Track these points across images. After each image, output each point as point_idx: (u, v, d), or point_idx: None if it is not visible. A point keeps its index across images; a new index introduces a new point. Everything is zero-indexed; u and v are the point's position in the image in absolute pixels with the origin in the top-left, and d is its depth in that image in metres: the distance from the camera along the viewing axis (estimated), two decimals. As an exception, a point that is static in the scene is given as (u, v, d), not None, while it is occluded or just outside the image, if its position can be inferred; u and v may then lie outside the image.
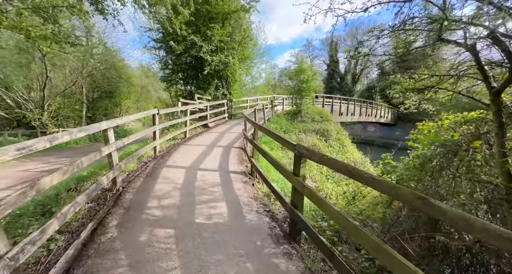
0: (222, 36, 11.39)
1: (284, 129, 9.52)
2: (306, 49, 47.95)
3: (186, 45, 10.99)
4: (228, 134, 8.32)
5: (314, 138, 8.52)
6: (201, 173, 4.40)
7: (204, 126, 9.64)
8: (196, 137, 7.77)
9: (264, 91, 20.91)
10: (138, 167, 4.63)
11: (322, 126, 9.74)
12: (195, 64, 13.64)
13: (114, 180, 3.40)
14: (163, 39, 11.52)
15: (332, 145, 8.71)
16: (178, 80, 14.23)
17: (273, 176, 4.85)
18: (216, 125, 10.34)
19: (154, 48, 12.86)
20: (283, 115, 11.71)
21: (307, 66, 12.05)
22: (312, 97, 12.19)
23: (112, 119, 3.45)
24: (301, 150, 2.42)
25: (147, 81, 32.06)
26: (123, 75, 21.23)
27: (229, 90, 13.71)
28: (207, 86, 13.62)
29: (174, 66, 13.21)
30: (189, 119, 7.71)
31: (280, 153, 6.91)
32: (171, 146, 6.52)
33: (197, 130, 9.00)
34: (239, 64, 12.19)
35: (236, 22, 12.68)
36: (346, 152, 8.69)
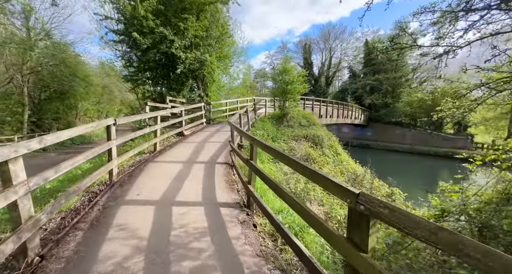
0: (198, 31, 9.98)
1: (272, 137, 8.51)
2: (281, 51, 48.14)
3: (154, 39, 9.35)
4: (208, 144, 7.00)
5: (306, 145, 7.67)
6: (179, 210, 3.10)
7: (179, 135, 8.16)
8: (169, 150, 6.32)
9: (242, 93, 19.78)
10: (77, 206, 3.13)
11: (312, 132, 8.98)
12: (166, 62, 11.94)
13: (23, 247, 1.96)
14: (125, 30, 9.68)
15: (325, 153, 7.96)
16: (145, 80, 12.35)
17: (274, 202, 3.75)
18: (193, 132, 8.90)
19: (114, 41, 10.86)
20: (267, 120, 10.71)
21: (291, 66, 11.24)
22: (297, 100, 11.41)
23: (25, 142, 2.03)
24: (372, 206, 1.33)
25: (110, 81, 28.59)
26: (78, 73, 18.27)
27: (206, 92, 12.28)
28: (180, 87, 12.02)
29: (140, 64, 11.37)
30: (160, 128, 6.23)
31: (273, 166, 5.85)
32: (136, 165, 5.03)
33: (171, 140, 7.51)
34: (217, 63, 10.89)
35: (213, 16, 11.35)
36: (341, 161, 8.00)
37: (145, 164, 5.05)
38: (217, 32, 11.09)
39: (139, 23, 8.76)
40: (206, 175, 4.51)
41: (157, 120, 6.07)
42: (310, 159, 6.87)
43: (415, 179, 15.61)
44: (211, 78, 11.71)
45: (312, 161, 6.80)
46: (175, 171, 4.63)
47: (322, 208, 4.30)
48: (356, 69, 37.18)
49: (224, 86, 14.89)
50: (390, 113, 31.19)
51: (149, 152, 6.13)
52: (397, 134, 30.57)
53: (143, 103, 13.33)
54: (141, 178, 4.24)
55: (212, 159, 5.57)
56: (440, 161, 23.14)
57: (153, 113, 5.95)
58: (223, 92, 15.14)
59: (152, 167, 4.89)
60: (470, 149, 24.72)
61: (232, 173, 4.84)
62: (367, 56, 34.53)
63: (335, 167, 6.87)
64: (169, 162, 5.25)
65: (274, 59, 49.63)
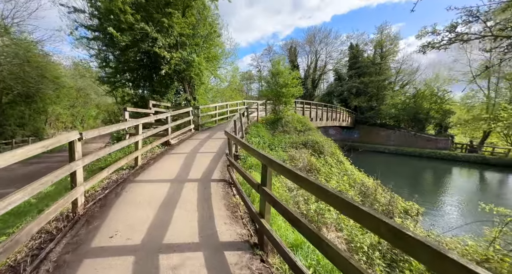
0: (184, 29, 9.06)
1: (269, 144, 7.79)
2: (267, 53, 47.93)
3: (134, 36, 8.30)
4: (200, 156, 6.12)
5: (307, 154, 7.02)
6: (169, 260, 2.25)
7: (165, 145, 7.19)
8: (153, 164, 5.37)
9: (231, 96, 18.94)
10: (14, 265, 2.14)
11: (310, 138, 8.38)
12: (148, 63, 10.87)
13: None
14: (100, 26, 8.50)
15: (328, 161, 7.35)
16: (124, 82, 11.17)
17: (285, 230, 3.01)
18: (180, 141, 7.95)
19: (87, 39, 9.58)
20: (261, 125, 9.98)
21: (285, 68, 10.64)
22: (292, 103, 10.82)
23: None
24: None
25: (86, 83, 26.36)
26: (47, 74, 16.41)
27: (193, 95, 11.33)
28: (164, 90, 10.98)
29: (118, 64, 10.20)
30: (143, 138, 5.27)
31: (277, 182, 5.11)
32: (112, 186, 4.06)
33: (155, 152, 6.53)
34: (206, 64, 10.02)
35: (200, 14, 10.49)
36: (346, 170, 7.42)
37: (123, 185, 4.09)
38: (205, 30, 10.23)
39: (116, 18, 7.69)
40: (201, 199, 3.67)
41: (138, 129, 5.12)
42: (313, 170, 6.23)
43: (403, 179, 15.67)
44: (199, 81, 10.79)
45: (316, 172, 6.17)
46: (162, 193, 3.74)
47: (340, 234, 3.62)
48: (342, 72, 37.73)
49: (212, 89, 13.98)
50: (375, 116, 31.84)
51: (129, 168, 5.15)
52: (383, 135, 31.22)
53: (122, 108, 12.08)
54: (117, 207, 3.30)
55: (206, 175, 4.72)
56: (425, 161, 23.75)
57: (133, 121, 4.99)
58: (211, 95, 14.22)
59: (132, 189, 3.95)
60: (450, 149, 25.75)
61: (231, 193, 4.03)
62: (352, 59, 35.18)
63: (341, 178, 6.28)
64: (154, 181, 4.33)
65: (260, 61, 49.37)
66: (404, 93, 32.06)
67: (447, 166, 21.67)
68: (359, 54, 34.65)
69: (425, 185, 16.31)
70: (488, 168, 20.05)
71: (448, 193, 13.38)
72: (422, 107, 28.27)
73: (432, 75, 32.13)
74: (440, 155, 24.05)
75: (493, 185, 16.78)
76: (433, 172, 20.44)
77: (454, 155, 23.30)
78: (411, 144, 27.96)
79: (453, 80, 28.46)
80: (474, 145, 25.64)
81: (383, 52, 32.49)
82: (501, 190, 15.16)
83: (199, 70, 9.72)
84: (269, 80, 10.71)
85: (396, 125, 31.01)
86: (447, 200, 11.85)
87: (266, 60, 48.60)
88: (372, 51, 34.38)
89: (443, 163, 22.50)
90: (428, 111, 28.02)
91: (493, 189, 15.50)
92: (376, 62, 32.91)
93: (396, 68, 33.28)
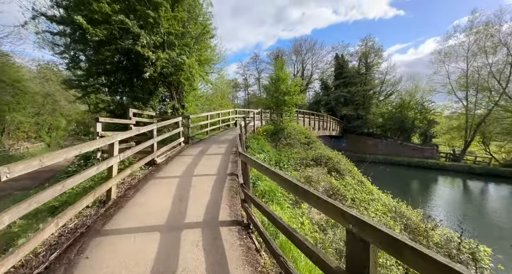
0: (173, 26, 7.76)
1: (276, 161, 6.56)
2: (253, 62, 47.65)
3: (110, 31, 6.83)
4: (196, 181, 4.71)
5: (324, 173, 5.89)
6: None
7: (149, 165, 5.68)
8: (133, 197, 3.87)
9: (221, 104, 17.62)
10: None
11: (319, 153, 7.31)
12: (129, 65, 9.33)
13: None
14: (68, 18, 6.84)
15: (349, 182, 6.22)
16: (99, 87, 9.46)
17: None
18: (168, 159, 6.45)
19: (50, 33, 7.79)
20: (261, 137, 8.76)
21: (286, 74, 9.66)
22: (294, 113, 9.79)
23: None
24: None
25: (55, 88, 23.48)
26: (4, 77, 13.99)
27: (181, 102, 9.89)
28: (148, 96, 9.44)
29: (91, 65, 8.56)
30: (119, 161, 3.78)
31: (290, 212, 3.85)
32: (63, 243, 2.56)
33: (136, 175, 5.00)
34: (198, 68, 8.72)
35: (190, 12, 9.28)
36: (371, 193, 6.28)
37: (82, 244, 2.59)
38: (197, 30, 9.00)
39: (88, 7, 6.20)
40: (212, 264, 2.31)
41: (113, 149, 3.65)
42: (337, 195, 5.07)
43: (393, 189, 15.12)
44: (190, 86, 9.41)
45: (341, 198, 5.01)
46: (145, 260, 2.32)
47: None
48: (328, 81, 38.17)
49: (202, 96, 12.61)
50: (362, 125, 32.16)
51: (98, 201, 3.63)
52: (370, 145, 31.43)
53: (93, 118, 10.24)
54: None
55: (211, 215, 3.35)
56: (414, 170, 23.88)
57: (106, 139, 3.52)
58: (201, 103, 12.83)
59: (97, 251, 2.48)
60: (436, 158, 26.34)
61: (254, 248, 2.71)
62: (337, 69, 35.72)
63: (375, 207, 5.13)
64: (133, 231, 2.87)
65: (246, 70, 48.88)
66: (390, 103, 32.90)
67: (436, 175, 21.84)
68: (345, 64, 35.32)
69: (434, 198, 15.89)
70: (474, 177, 20.42)
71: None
72: (407, 117, 28.98)
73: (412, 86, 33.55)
74: (428, 164, 24.36)
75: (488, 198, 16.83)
76: (420, 181, 20.36)
77: (441, 164, 23.69)
78: (398, 153, 28.28)
79: (433, 91, 29.74)
80: (456, 154, 26.49)
81: (368, 63, 33.37)
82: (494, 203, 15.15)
83: (190, 75, 8.38)
84: (269, 87, 9.63)
85: (383, 135, 31.44)
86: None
87: (253, 68, 48.34)
88: (357, 62, 35.26)
89: (431, 173, 22.68)
90: (413, 121, 28.75)
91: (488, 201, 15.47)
92: (361, 73, 33.67)
93: (380, 78, 34.29)
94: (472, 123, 24.62)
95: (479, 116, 24.20)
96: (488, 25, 22.84)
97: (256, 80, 48.10)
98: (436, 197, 15.34)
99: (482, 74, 24.07)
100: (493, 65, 23.01)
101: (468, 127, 25.29)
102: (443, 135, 29.47)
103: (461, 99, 26.71)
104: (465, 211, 11.99)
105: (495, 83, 22.81)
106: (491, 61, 23.02)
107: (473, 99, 25.46)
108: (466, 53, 25.45)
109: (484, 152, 25.70)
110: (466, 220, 10.11)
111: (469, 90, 25.43)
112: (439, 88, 28.72)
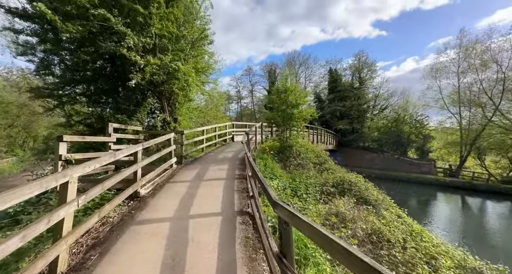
0: (167, 27, 6.66)
1: (292, 188, 5.28)
2: (247, 74, 47.44)
3: (89, 29, 5.59)
4: (194, 226, 3.33)
5: (355, 207, 4.64)
6: None
7: (131, 199, 4.24)
8: (100, 262, 2.44)
9: (215, 116, 16.37)
10: None
11: (340, 177, 6.13)
12: (113, 72, 8.04)
13: None
14: (33, 12, 5.49)
15: (387, 217, 4.92)
16: (75, 97, 8.03)
17: None
18: (156, 187, 5.02)
19: (12, 31, 6.36)
20: (268, 157, 7.50)
21: (294, 84, 8.66)
22: (302, 128, 8.69)
23: None
24: None
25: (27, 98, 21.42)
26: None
27: (174, 115, 8.57)
28: (134, 108, 8.08)
29: (67, 71, 7.20)
30: (78, 208, 2.40)
31: None
32: None
33: (109, 218, 3.55)
34: (195, 76, 7.55)
35: (187, 15, 8.27)
36: (416, 232, 4.99)
37: None
38: (193, 34, 7.94)
39: (61, -3, 4.98)
40: None
41: (67, 192, 2.27)
42: (382, 241, 3.77)
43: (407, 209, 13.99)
44: (185, 97, 8.16)
45: (389, 246, 3.72)
46: None
47: None
48: (321, 95, 38.16)
49: (196, 108, 11.35)
50: (358, 138, 31.78)
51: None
52: (367, 159, 30.82)
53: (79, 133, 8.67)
54: None
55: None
56: (414, 186, 23.13)
57: (50, 179, 2.13)
58: (195, 115, 11.54)
59: None
60: (434, 174, 25.89)
61: None
62: (331, 83, 35.83)
63: (443, 260, 3.82)
64: None
65: (239, 82, 48.51)
66: (385, 117, 32.93)
67: (437, 191, 21.13)
68: (339, 78, 35.55)
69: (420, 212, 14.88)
70: (477, 194, 19.82)
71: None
72: (403, 131, 28.84)
73: (403, 101, 34.03)
74: (428, 180, 23.77)
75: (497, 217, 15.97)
76: (433, 201, 19.41)
77: (442, 181, 23.13)
78: (395, 168, 27.73)
79: (426, 106, 30.07)
80: (453, 169, 26.21)
81: (361, 78, 33.71)
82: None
83: (186, 84, 7.18)
84: (274, 99, 8.54)
85: (380, 149, 31.02)
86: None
87: (246, 81, 48.03)
88: (350, 76, 35.61)
89: (431, 189, 21.98)
90: (409, 135, 28.58)
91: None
92: (355, 87, 33.87)
93: (373, 93, 34.60)
94: (467, 139, 24.61)
95: (474, 131, 24.26)
96: (477, 43, 23.57)
97: (249, 92, 47.68)
98: (455, 221, 14.15)
99: (473, 90, 24.48)
100: (483, 81, 23.47)
101: (463, 142, 25.26)
102: (439, 150, 29.40)
103: (454, 115, 26.96)
104: (496, 241, 10.83)
105: (487, 99, 23.12)
106: (482, 78, 23.49)
107: (466, 114, 25.71)
108: (456, 69, 26.06)
109: (480, 167, 25.56)
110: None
111: (464, 106, 25.71)
112: (431, 103, 29.06)
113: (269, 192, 2.13)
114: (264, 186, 2.37)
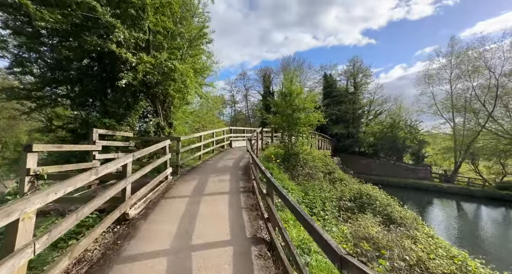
0: (164, 21, 5.97)
1: (307, 204, 4.60)
2: (241, 78, 46.96)
3: (72, 19, 4.82)
4: (198, 265, 2.58)
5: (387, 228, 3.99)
6: None
7: (117, 223, 3.44)
8: None
9: (211, 121, 15.59)
10: None
11: (357, 189, 5.52)
12: (99, 70, 7.23)
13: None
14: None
15: (429, 244, 4.19)
16: (56, 98, 7.14)
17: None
18: (149, 205, 4.22)
19: None
20: (274, 165, 6.80)
21: (299, 87, 8.09)
22: (308, 134, 8.08)
23: None
24: None
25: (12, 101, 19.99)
26: None
27: (168, 120, 7.79)
28: (124, 112, 7.25)
29: (47, 69, 6.35)
30: (36, 254, 1.63)
31: None
32: None
33: (88, 252, 2.73)
34: (193, 77, 6.85)
35: (184, 13, 7.61)
36: (453, 258, 4.33)
37: None
38: (191, 32, 7.27)
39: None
40: None
41: (16, 235, 1.50)
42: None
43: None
44: (181, 100, 7.41)
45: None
46: None
47: None
48: (317, 100, 38.07)
49: (192, 112, 10.59)
50: (354, 143, 31.60)
51: None
52: (363, 164, 30.58)
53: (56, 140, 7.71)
54: None
55: None
56: (412, 192, 22.91)
57: (24, 202, 1.37)
58: (191, 120, 10.75)
59: None
60: (430, 179, 25.87)
61: None
62: (326, 88, 35.79)
63: None
64: None
65: (234, 86, 47.95)
66: (380, 122, 32.98)
67: (434, 197, 20.95)
68: (334, 83, 35.58)
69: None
70: (474, 200, 19.73)
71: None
72: (398, 136, 28.87)
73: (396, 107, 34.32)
74: (425, 186, 23.64)
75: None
76: (417, 203, 19.09)
77: (439, 186, 23.03)
78: (392, 173, 27.56)
79: (420, 111, 30.37)
80: (448, 174, 26.31)
81: (356, 83, 33.83)
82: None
83: (183, 85, 6.46)
84: (278, 103, 7.92)
85: (376, 154, 30.91)
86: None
87: (240, 85, 47.49)
88: (345, 81, 35.73)
89: (429, 194, 21.79)
90: (404, 141, 28.61)
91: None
92: (350, 92, 33.94)
93: (368, 98, 34.76)
94: (462, 144, 24.80)
95: (468, 137, 24.47)
96: (469, 49, 24.03)
97: (243, 97, 47.12)
98: (463, 230, 13.68)
99: (466, 96, 24.81)
100: (476, 88, 23.83)
101: (457, 148, 25.45)
102: (434, 155, 29.55)
103: (448, 121, 27.24)
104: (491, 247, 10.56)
105: (480, 105, 23.43)
106: (475, 84, 23.86)
107: (460, 120, 25.99)
108: (449, 76, 26.47)
109: (474, 172, 25.74)
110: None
111: (457, 112, 25.99)
112: (425, 108, 29.35)
113: (328, 240, 1.37)
114: (317, 231, 1.48)
